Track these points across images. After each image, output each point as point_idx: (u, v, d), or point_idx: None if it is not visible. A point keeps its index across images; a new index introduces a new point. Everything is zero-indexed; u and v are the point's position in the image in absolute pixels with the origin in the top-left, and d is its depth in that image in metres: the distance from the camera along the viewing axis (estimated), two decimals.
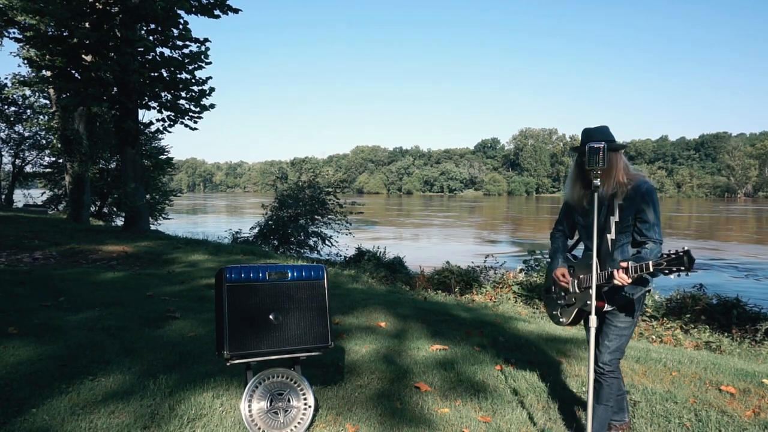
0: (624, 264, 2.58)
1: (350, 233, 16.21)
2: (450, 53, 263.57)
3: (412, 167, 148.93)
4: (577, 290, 2.94)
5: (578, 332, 5.92)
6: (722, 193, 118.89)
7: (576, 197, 2.90)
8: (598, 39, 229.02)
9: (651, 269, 2.48)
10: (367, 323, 5.32)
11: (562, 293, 3.06)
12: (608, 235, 2.78)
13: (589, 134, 2.79)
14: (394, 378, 3.82)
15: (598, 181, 2.65)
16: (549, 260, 3.18)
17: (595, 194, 2.69)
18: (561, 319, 3.08)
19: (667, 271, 2.44)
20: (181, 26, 13.63)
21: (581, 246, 3.14)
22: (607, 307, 2.82)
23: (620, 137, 2.91)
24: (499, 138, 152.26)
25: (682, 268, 2.39)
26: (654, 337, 6.62)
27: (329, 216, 16.11)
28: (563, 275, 3.00)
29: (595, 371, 2.82)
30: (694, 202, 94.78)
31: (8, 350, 3.88)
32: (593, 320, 2.74)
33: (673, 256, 2.42)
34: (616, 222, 2.77)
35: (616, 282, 2.60)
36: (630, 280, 2.58)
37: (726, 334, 6.76)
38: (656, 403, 3.58)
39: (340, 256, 14.83)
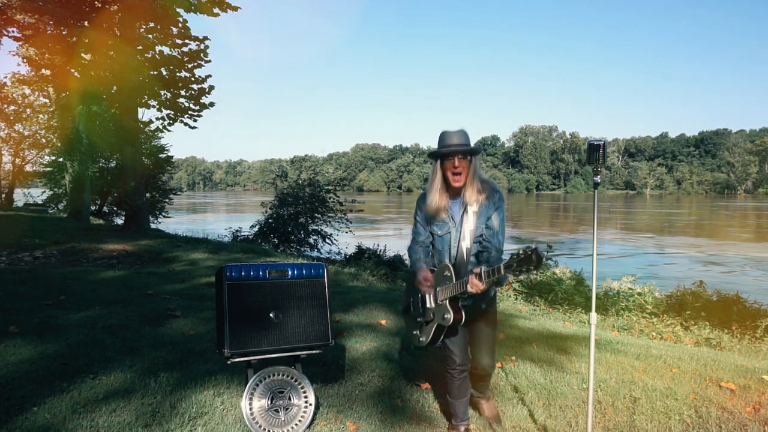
0: (477, 270, 2.53)
1: (350, 231, 16.21)
2: (450, 51, 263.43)
3: (412, 165, 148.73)
4: (434, 304, 2.79)
5: (579, 329, 5.93)
6: (722, 189, 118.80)
7: (437, 206, 2.79)
8: (598, 36, 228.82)
9: (503, 272, 2.42)
10: (367, 321, 5.32)
11: (420, 310, 2.89)
12: (463, 243, 2.76)
13: (448, 136, 2.74)
14: (395, 376, 3.82)
15: (598, 178, 2.65)
16: (411, 266, 2.96)
17: (596, 192, 2.69)
18: (421, 339, 2.87)
19: (518, 272, 2.39)
20: (180, 24, 13.62)
21: None
22: (468, 315, 2.76)
23: (621, 134, 2.97)
24: (499, 135, 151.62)
25: (531, 267, 2.33)
26: (654, 333, 6.62)
27: (329, 214, 16.10)
28: (425, 278, 2.81)
29: (478, 373, 3.00)
30: (694, 199, 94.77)
31: (9, 349, 3.88)
32: (593, 316, 2.74)
33: (522, 255, 2.36)
34: (471, 230, 2.75)
35: (470, 290, 2.54)
36: (484, 287, 2.52)
37: (726, 331, 6.76)
38: (656, 399, 3.58)
39: (341, 254, 14.83)
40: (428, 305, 2.82)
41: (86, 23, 12.75)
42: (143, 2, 12.17)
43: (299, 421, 2.93)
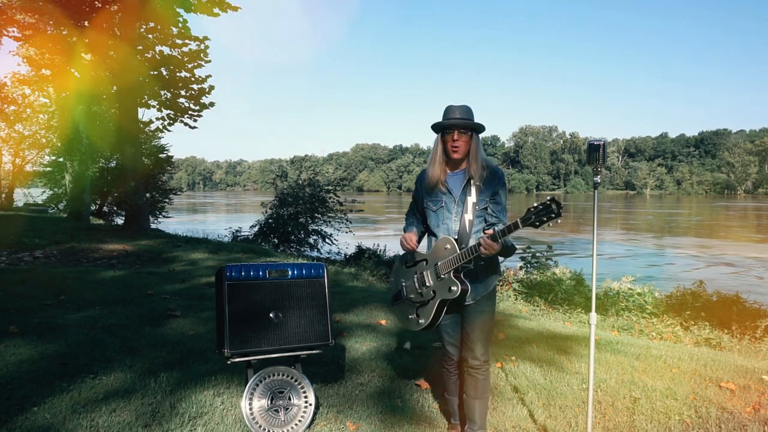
0: (489, 231, 2.48)
1: (350, 231, 16.21)
2: (449, 51, 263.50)
3: (412, 165, 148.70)
4: (436, 280, 2.73)
5: (579, 329, 5.93)
6: (722, 189, 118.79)
7: (435, 179, 2.77)
8: (599, 36, 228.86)
9: (520, 226, 2.39)
10: (367, 321, 5.32)
11: (418, 290, 2.82)
12: (466, 216, 2.73)
13: (451, 110, 2.73)
14: (395, 376, 3.82)
15: (598, 178, 2.65)
16: (397, 260, 2.98)
17: (596, 192, 2.69)
18: (420, 321, 2.80)
19: (537, 224, 2.34)
20: (180, 24, 13.63)
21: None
22: (468, 299, 2.73)
23: (621, 134, 2.97)
24: (499, 135, 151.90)
25: (552, 215, 2.30)
26: (654, 333, 6.62)
27: (329, 214, 16.11)
28: (409, 239, 2.84)
29: (471, 366, 2.78)
30: (695, 199, 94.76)
31: (9, 349, 3.89)
32: (593, 317, 2.75)
33: (540, 207, 2.34)
34: (473, 203, 2.72)
35: (483, 252, 2.48)
36: (499, 247, 2.47)
37: (726, 331, 6.76)
38: (656, 399, 3.59)
39: (341, 254, 14.82)
40: (428, 283, 2.75)
41: (86, 23, 12.76)
42: (143, 2, 12.18)
43: (299, 421, 2.93)
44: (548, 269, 9.37)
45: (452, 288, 2.63)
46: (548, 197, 2.32)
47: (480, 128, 2.73)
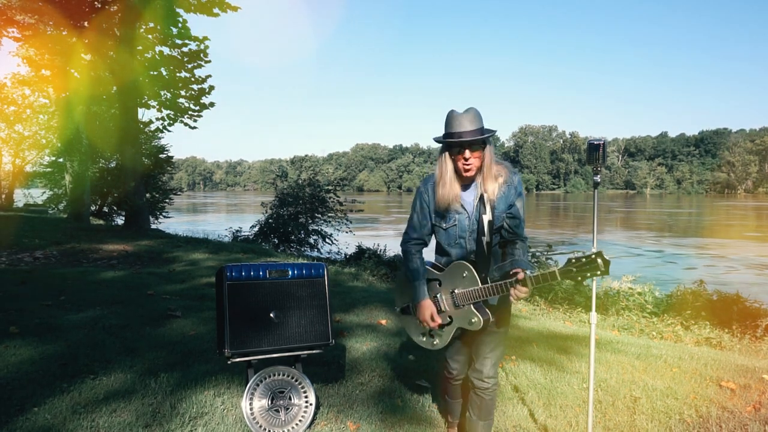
0: (521, 275, 2.24)
1: (350, 231, 16.22)
2: (450, 50, 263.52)
3: (412, 165, 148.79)
4: (453, 308, 2.50)
5: (579, 329, 5.93)
6: (722, 189, 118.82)
7: (449, 198, 2.40)
8: (599, 35, 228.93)
9: (558, 278, 2.16)
10: (368, 321, 5.32)
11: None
12: (483, 238, 2.41)
13: (458, 121, 2.30)
14: (395, 375, 3.82)
15: (598, 178, 2.65)
16: (408, 279, 2.60)
17: (596, 192, 2.69)
18: (435, 342, 2.60)
19: (579, 278, 2.13)
20: (180, 25, 13.63)
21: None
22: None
23: (620, 133, 2.95)
24: (499, 135, 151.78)
25: (598, 273, 2.09)
26: (654, 333, 6.62)
27: (329, 214, 16.12)
28: (432, 317, 2.51)
29: (477, 386, 2.59)
30: (696, 199, 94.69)
31: (9, 350, 3.88)
32: (593, 316, 2.75)
33: (584, 260, 2.10)
34: (489, 221, 2.41)
35: (513, 299, 2.31)
36: (529, 291, 2.25)
37: (726, 330, 6.76)
38: (657, 399, 3.58)
39: (341, 254, 14.83)
40: (443, 308, 2.53)
41: (85, 24, 12.76)
42: (143, 3, 12.18)
43: (300, 420, 2.93)
44: (548, 268, 9.36)
45: (473, 320, 2.44)
46: (593, 251, 2.11)
47: (492, 134, 2.37)
